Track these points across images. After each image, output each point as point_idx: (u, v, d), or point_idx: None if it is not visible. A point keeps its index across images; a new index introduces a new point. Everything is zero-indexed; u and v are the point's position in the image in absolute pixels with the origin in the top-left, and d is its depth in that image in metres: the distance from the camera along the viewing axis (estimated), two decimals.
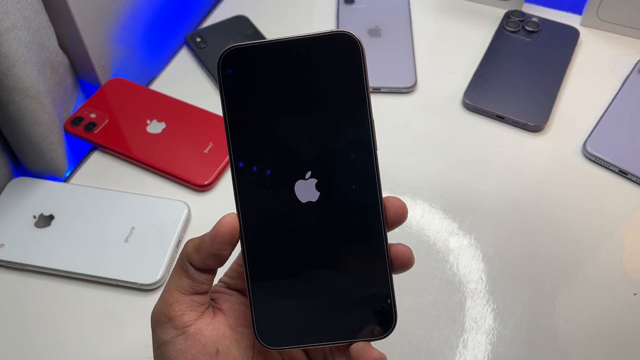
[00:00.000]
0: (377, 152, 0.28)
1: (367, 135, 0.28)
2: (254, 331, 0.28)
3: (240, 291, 0.32)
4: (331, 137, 0.28)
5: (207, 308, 0.29)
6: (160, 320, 0.28)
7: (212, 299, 0.30)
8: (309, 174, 0.28)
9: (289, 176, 0.28)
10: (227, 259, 0.28)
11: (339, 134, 0.28)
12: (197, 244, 0.28)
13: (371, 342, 0.28)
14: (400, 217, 0.28)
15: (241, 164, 0.28)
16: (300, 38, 0.27)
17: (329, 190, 0.28)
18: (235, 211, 0.28)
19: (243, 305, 0.31)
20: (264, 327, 0.29)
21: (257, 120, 0.28)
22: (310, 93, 0.28)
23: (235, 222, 0.28)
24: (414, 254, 0.29)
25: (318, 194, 0.28)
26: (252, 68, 0.28)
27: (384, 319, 0.28)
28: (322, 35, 0.27)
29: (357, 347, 0.28)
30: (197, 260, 0.28)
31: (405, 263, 0.28)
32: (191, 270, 0.28)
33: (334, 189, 0.28)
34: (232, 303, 0.30)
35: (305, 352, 0.31)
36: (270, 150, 0.28)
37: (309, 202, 0.28)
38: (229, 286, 0.32)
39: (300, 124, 0.28)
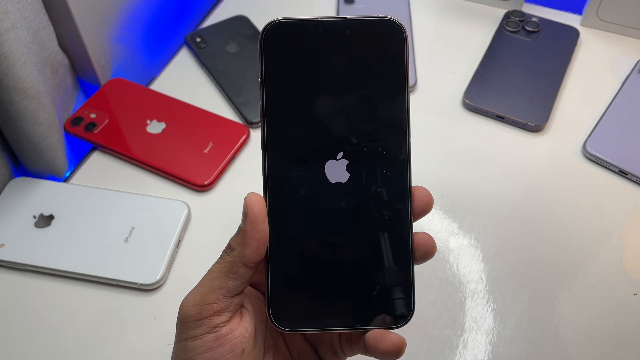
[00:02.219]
0: (411, 140, 0.28)
1: (403, 122, 0.28)
2: (268, 312, 0.28)
3: (254, 285, 0.31)
4: (367, 121, 0.28)
5: (239, 308, 0.29)
6: (195, 316, 0.27)
7: None
8: (340, 154, 0.28)
9: (320, 154, 0.28)
10: (268, 237, 0.28)
11: (376, 118, 0.28)
12: (242, 240, 0.27)
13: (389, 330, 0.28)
14: (426, 206, 0.29)
15: (273, 139, 0.28)
16: (346, 19, 0.27)
17: (359, 173, 0.28)
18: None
19: (259, 300, 0.31)
20: (279, 308, 0.28)
21: (294, 95, 0.28)
22: (350, 75, 0.28)
23: (260, 198, 0.27)
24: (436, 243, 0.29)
25: (348, 175, 0.28)
26: (294, 43, 0.28)
27: (401, 308, 0.28)
28: (368, 19, 0.28)
29: (374, 334, 0.27)
30: (250, 254, 0.27)
31: (428, 252, 0.28)
32: (242, 270, 0.27)
33: (365, 172, 0.28)
34: (249, 298, 0.30)
35: (314, 347, 0.31)
36: (304, 127, 0.28)
37: (338, 183, 0.28)
38: None
39: (337, 104, 0.28)
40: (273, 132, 0.28)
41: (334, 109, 0.28)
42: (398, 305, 0.28)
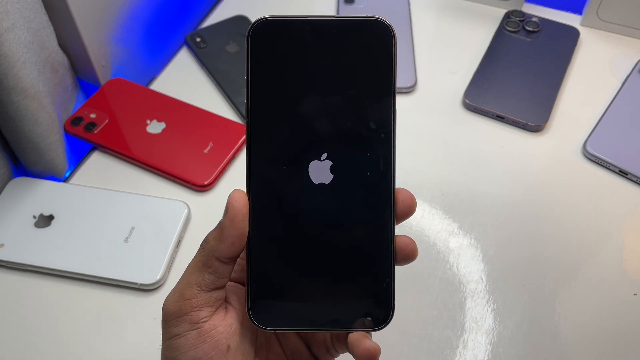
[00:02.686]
0: (396, 142, 0.28)
1: (388, 124, 0.28)
2: (247, 309, 0.28)
3: (242, 283, 0.31)
4: (352, 122, 0.28)
5: (222, 303, 0.29)
6: (175, 313, 0.28)
7: None
8: (325, 155, 0.28)
9: (304, 155, 0.28)
10: (247, 234, 0.28)
11: (361, 119, 0.28)
12: (218, 235, 0.27)
13: (369, 333, 0.28)
14: (409, 209, 0.28)
15: (257, 137, 0.28)
16: (335, 18, 0.27)
17: (343, 174, 0.28)
18: (241, 186, 0.28)
19: None
20: (259, 306, 0.28)
21: (280, 95, 0.28)
22: (336, 75, 0.28)
23: (244, 195, 0.27)
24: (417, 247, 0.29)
25: (331, 176, 0.28)
26: (281, 41, 0.27)
27: (381, 311, 0.28)
28: (357, 19, 0.27)
29: (352, 337, 0.28)
30: (224, 249, 0.27)
31: (408, 255, 0.28)
32: (217, 265, 0.27)
33: (348, 173, 0.28)
34: (239, 296, 0.30)
35: (307, 344, 0.31)
36: (289, 126, 0.28)
37: (321, 184, 0.28)
38: (230, 279, 0.32)
39: (323, 104, 0.28)
40: (257, 131, 0.28)
41: (320, 109, 0.28)
42: (377, 307, 0.28)
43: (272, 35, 0.27)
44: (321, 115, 0.28)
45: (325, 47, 0.27)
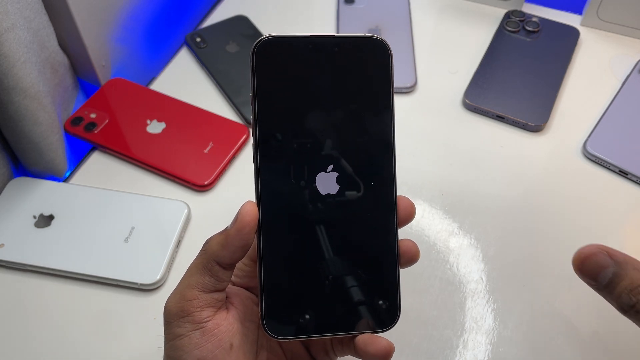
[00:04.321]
0: (396, 152, 0.30)
1: (389, 136, 0.30)
2: (262, 321, 0.29)
3: (245, 288, 0.32)
4: (355, 134, 0.29)
5: (223, 303, 0.29)
6: (178, 314, 0.28)
7: None
8: (330, 167, 0.29)
9: (311, 168, 0.29)
10: (250, 246, 0.29)
11: (363, 132, 0.29)
12: (223, 241, 0.28)
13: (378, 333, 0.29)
14: (409, 215, 0.30)
15: (266, 152, 0.29)
16: (335, 37, 0.29)
17: (349, 185, 0.29)
18: (252, 198, 0.29)
19: (250, 300, 0.31)
20: (272, 316, 0.29)
21: (285, 110, 0.29)
22: (338, 90, 0.29)
23: (256, 209, 0.28)
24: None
25: (338, 187, 0.29)
26: (284, 59, 0.29)
27: (389, 312, 0.29)
28: (356, 38, 0.29)
29: (364, 338, 0.28)
30: (225, 256, 0.28)
31: (411, 257, 0.30)
32: (217, 269, 0.28)
33: (354, 183, 0.29)
34: (242, 297, 0.31)
35: (307, 347, 0.32)
36: (296, 141, 0.29)
37: (328, 195, 0.29)
38: (233, 284, 0.32)
39: (327, 119, 0.29)
40: (265, 146, 0.29)
41: (324, 123, 0.29)
42: (386, 310, 0.29)
43: (275, 53, 0.29)
44: (325, 129, 0.29)
45: (327, 64, 0.29)
